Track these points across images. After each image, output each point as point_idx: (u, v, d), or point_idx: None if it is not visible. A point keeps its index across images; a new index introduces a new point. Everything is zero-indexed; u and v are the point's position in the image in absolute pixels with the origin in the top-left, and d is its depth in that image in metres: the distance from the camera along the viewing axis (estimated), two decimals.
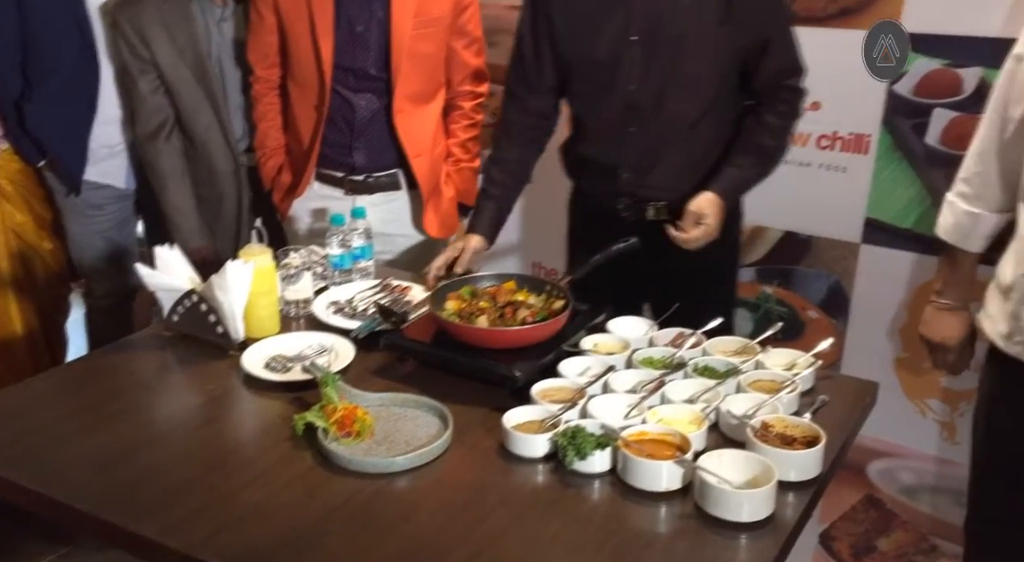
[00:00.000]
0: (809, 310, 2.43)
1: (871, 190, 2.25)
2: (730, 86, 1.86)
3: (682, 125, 1.85)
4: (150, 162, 2.42)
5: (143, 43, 2.30)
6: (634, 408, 1.44)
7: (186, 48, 2.31)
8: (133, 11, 2.30)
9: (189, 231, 2.44)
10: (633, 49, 1.80)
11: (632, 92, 1.83)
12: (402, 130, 2.22)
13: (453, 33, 2.23)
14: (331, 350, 1.67)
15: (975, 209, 1.69)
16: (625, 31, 1.80)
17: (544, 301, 1.71)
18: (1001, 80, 1.63)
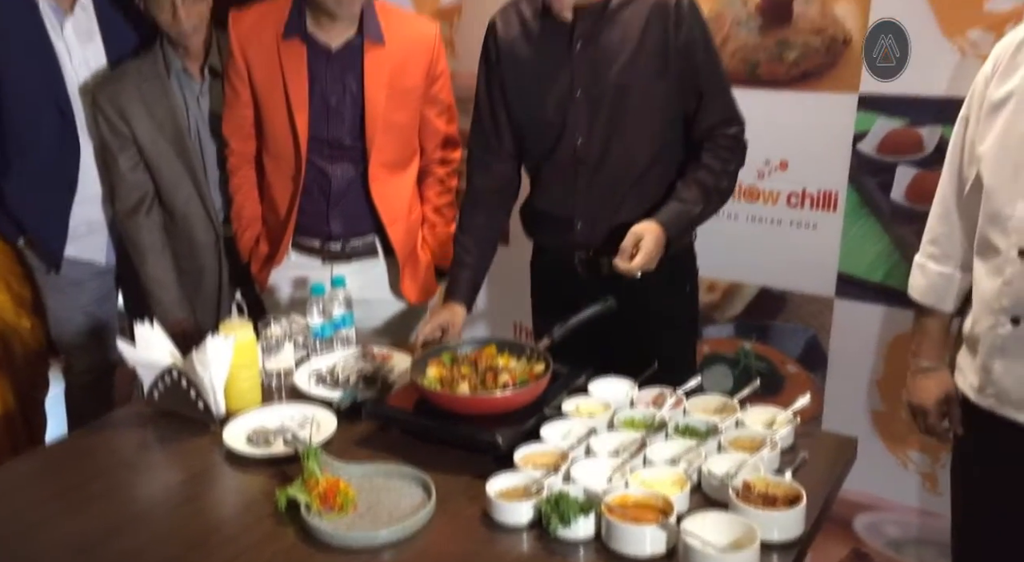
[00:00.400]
0: (788, 365, 2.45)
1: (842, 246, 2.30)
2: (675, 136, 1.94)
3: (630, 175, 1.92)
4: (130, 237, 2.43)
5: (123, 120, 2.33)
6: (616, 471, 1.44)
7: (165, 123, 2.34)
8: (113, 89, 2.34)
9: (169, 304, 2.44)
10: (578, 105, 1.90)
11: (580, 146, 1.91)
12: (378, 197, 2.25)
13: (426, 102, 2.28)
14: (313, 421, 1.67)
15: (946, 269, 1.73)
16: (570, 89, 1.89)
17: (525, 365, 1.73)
18: (953, 142, 1.69)
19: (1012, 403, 1.58)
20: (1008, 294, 1.55)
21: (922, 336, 1.80)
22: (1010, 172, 1.52)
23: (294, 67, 2.16)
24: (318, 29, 2.15)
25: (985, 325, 1.60)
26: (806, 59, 2.20)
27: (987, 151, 1.57)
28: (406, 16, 2.31)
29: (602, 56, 1.87)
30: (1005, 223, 1.54)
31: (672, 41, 1.84)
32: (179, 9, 2.21)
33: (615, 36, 1.86)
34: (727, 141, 1.92)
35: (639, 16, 1.85)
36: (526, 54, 1.94)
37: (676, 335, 2.07)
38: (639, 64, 1.85)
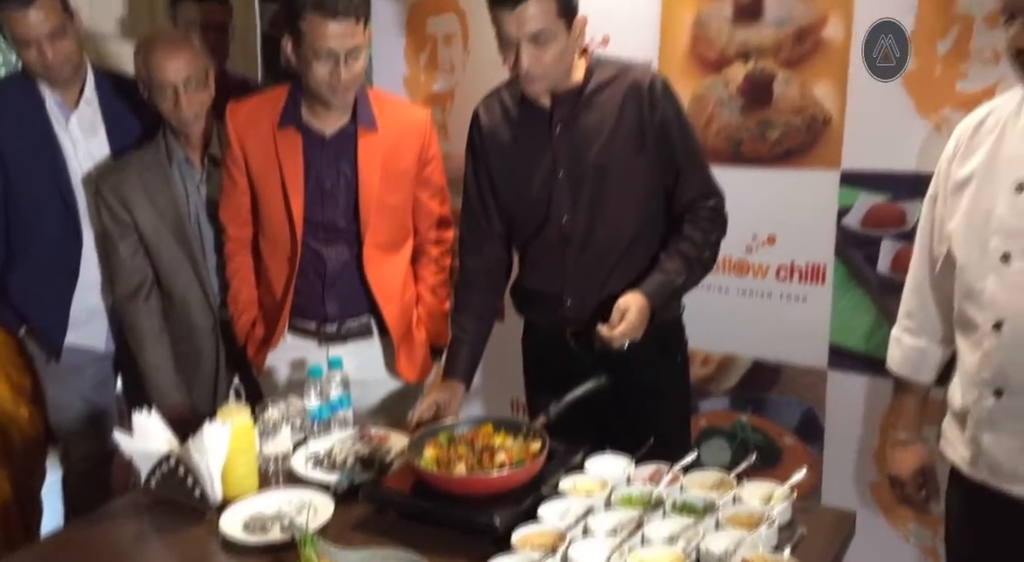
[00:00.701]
0: (785, 437, 2.45)
1: (832, 318, 2.32)
2: (657, 210, 2.00)
3: (616, 250, 1.98)
4: (129, 322, 2.45)
5: (124, 208, 2.38)
6: (615, 552, 1.43)
7: (166, 210, 2.39)
8: (116, 179, 2.39)
9: (167, 388, 2.45)
10: (561, 185, 1.97)
11: (565, 224, 1.98)
12: (372, 278, 2.28)
13: (418, 185, 2.33)
14: (310, 506, 1.66)
15: (920, 342, 1.77)
16: (552, 170, 1.97)
17: (522, 443, 1.73)
18: (922, 220, 1.75)
19: (1005, 476, 1.59)
20: (988, 367, 1.58)
21: (899, 408, 1.84)
22: (978, 249, 1.58)
23: (290, 153, 2.22)
24: (313, 118, 2.22)
25: (970, 398, 1.63)
26: (788, 138, 2.28)
27: (955, 229, 1.63)
28: (398, 103, 2.40)
29: (581, 138, 1.95)
30: (979, 298, 1.58)
31: (648, 120, 1.92)
32: (181, 97, 2.28)
33: (592, 118, 1.94)
34: (707, 213, 1.99)
35: (615, 98, 1.93)
36: (509, 139, 2.03)
37: (669, 408, 2.08)
38: (617, 143, 1.93)
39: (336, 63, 2.06)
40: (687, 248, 1.97)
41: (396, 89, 2.87)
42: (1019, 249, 1.51)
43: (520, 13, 1.80)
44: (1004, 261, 1.53)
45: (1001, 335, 1.55)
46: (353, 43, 2.06)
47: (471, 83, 2.77)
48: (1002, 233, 1.53)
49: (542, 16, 1.81)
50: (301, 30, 2.05)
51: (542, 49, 1.84)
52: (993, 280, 1.55)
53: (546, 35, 1.83)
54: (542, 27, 1.82)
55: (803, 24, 2.21)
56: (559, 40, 1.85)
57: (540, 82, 1.90)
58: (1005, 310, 1.54)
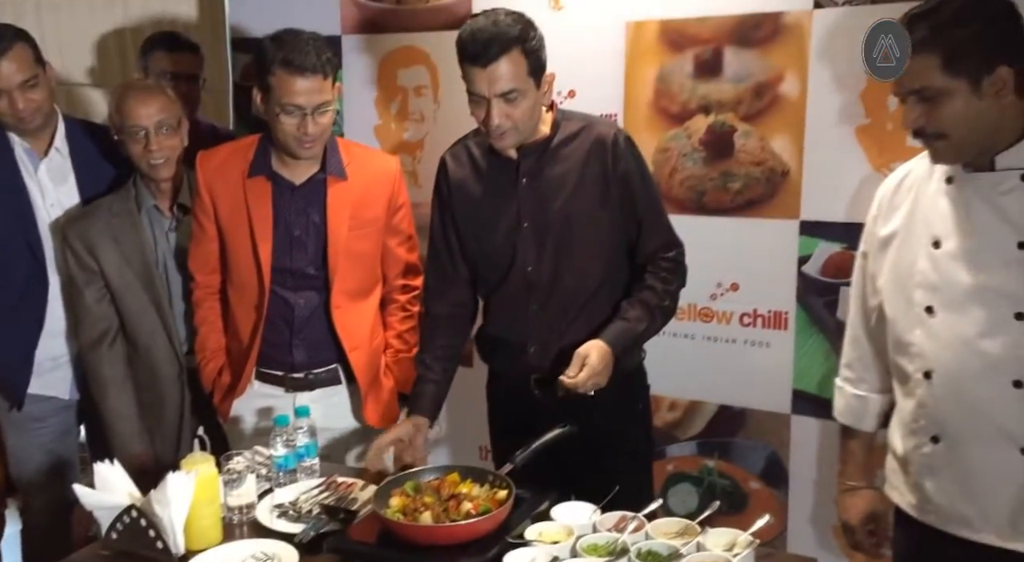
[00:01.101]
0: (751, 481, 2.47)
1: (795, 363, 2.36)
2: (620, 260, 2.05)
3: (579, 299, 2.01)
4: (92, 369, 2.44)
5: (90, 255, 2.38)
6: None
7: (133, 257, 2.39)
8: (82, 225, 2.40)
9: (130, 437, 2.43)
10: (526, 234, 2.01)
11: (530, 273, 2.02)
12: (340, 325, 2.29)
13: (387, 232, 2.35)
14: (274, 558, 1.65)
15: (860, 391, 1.83)
16: (517, 220, 2.01)
17: (488, 491, 1.74)
18: (855, 275, 1.83)
19: (951, 519, 1.64)
20: (923, 415, 1.64)
21: (847, 455, 1.89)
22: (904, 302, 1.65)
23: (259, 201, 2.23)
24: (283, 167, 2.24)
25: (910, 445, 1.69)
26: (749, 188, 2.33)
27: (884, 285, 1.71)
28: (368, 152, 2.42)
29: (547, 189, 1.99)
30: (908, 349, 1.65)
31: (611, 173, 1.96)
32: (151, 141, 2.30)
33: (558, 170, 1.99)
34: (668, 264, 2.04)
35: (580, 151, 1.98)
36: (475, 189, 2.06)
37: (630, 455, 2.10)
38: (582, 195, 1.98)
39: (303, 117, 2.09)
40: (648, 296, 2.01)
41: (367, 138, 2.90)
42: (941, 302, 1.59)
43: (492, 72, 1.84)
44: (928, 313, 1.61)
45: (932, 384, 1.61)
46: (321, 99, 2.10)
47: (441, 132, 2.81)
48: (924, 287, 1.62)
49: (513, 75, 1.85)
50: (270, 84, 2.09)
51: (512, 106, 1.88)
52: (920, 332, 1.62)
53: (516, 93, 1.87)
54: (513, 86, 1.86)
55: (761, 80, 2.29)
56: (528, 97, 1.89)
57: (509, 138, 1.93)
58: (933, 360, 1.61)
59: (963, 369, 1.57)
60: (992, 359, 1.54)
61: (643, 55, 2.44)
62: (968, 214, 1.57)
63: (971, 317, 1.56)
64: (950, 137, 1.52)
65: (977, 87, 1.48)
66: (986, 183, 1.56)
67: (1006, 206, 1.54)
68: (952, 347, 1.58)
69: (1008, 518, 1.56)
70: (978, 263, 1.55)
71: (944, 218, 1.60)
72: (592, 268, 2.02)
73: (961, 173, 1.59)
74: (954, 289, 1.58)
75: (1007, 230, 1.53)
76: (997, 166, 1.55)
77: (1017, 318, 1.51)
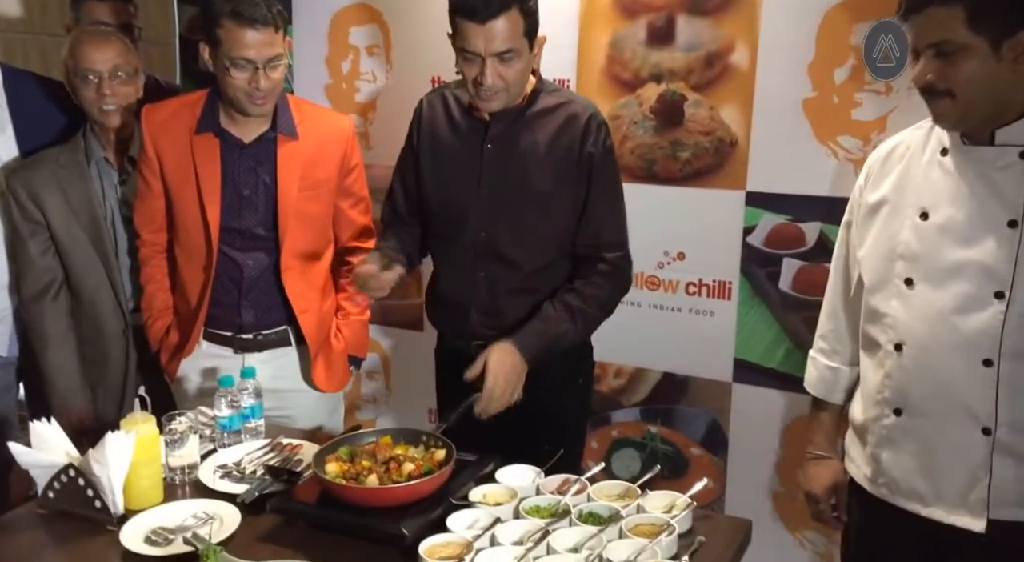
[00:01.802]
0: (692, 447, 2.53)
1: (737, 332, 2.41)
2: (569, 245, 2.00)
3: (525, 274, 1.99)
4: (34, 322, 2.39)
5: (36, 205, 2.34)
6: (520, 561, 1.47)
7: (81, 209, 2.35)
8: (27, 175, 2.34)
9: (69, 392, 2.40)
10: (482, 200, 1.98)
11: (480, 239, 2.00)
12: (290, 287, 2.26)
13: (339, 194, 2.33)
14: (216, 518, 1.65)
15: (834, 363, 1.84)
16: (476, 183, 1.98)
17: (425, 452, 1.74)
18: (837, 246, 1.82)
19: (903, 492, 1.66)
20: (889, 387, 1.65)
21: (815, 426, 1.90)
22: (884, 273, 1.65)
23: (207, 159, 2.19)
24: (231, 125, 2.20)
25: (871, 416, 1.70)
26: (697, 158, 2.36)
27: (865, 255, 1.70)
28: (320, 111, 2.38)
29: (510, 159, 1.95)
30: (882, 320, 1.65)
31: (576, 154, 1.93)
32: (104, 85, 2.26)
33: (525, 142, 1.95)
34: (606, 266, 1.98)
35: (551, 127, 1.94)
36: (443, 141, 2.03)
37: (565, 428, 2.10)
38: (543, 172, 1.94)
39: (255, 72, 2.05)
40: (572, 299, 1.96)
41: (318, 97, 2.86)
42: (921, 274, 1.59)
43: (489, 29, 1.78)
44: (907, 285, 1.61)
45: (902, 356, 1.62)
46: (272, 52, 2.06)
47: (394, 94, 2.79)
48: (906, 258, 1.61)
49: (510, 33, 1.80)
50: (218, 37, 2.04)
51: (507, 66, 1.83)
52: (896, 303, 1.62)
53: (512, 53, 1.82)
54: (509, 46, 1.81)
55: (712, 49, 2.30)
56: (523, 58, 1.85)
57: (499, 100, 1.89)
58: (906, 333, 1.61)
59: (936, 344, 1.57)
60: (966, 335, 1.54)
61: (596, 21, 2.43)
62: (961, 187, 1.55)
63: (950, 292, 1.55)
64: (958, 97, 1.48)
65: (997, 49, 1.44)
66: (983, 157, 1.54)
67: (1001, 182, 1.52)
68: (927, 321, 1.58)
69: (959, 494, 1.58)
70: (965, 237, 1.54)
71: (935, 190, 1.58)
72: (543, 246, 1.99)
73: (959, 145, 1.57)
74: (936, 262, 1.57)
75: (999, 206, 1.52)
76: (997, 140, 1.52)
77: (997, 297, 1.51)
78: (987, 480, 1.56)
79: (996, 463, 1.55)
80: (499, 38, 1.80)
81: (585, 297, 1.96)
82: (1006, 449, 1.54)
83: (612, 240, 1.99)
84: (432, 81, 2.70)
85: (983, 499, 1.56)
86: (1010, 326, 1.51)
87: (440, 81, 2.69)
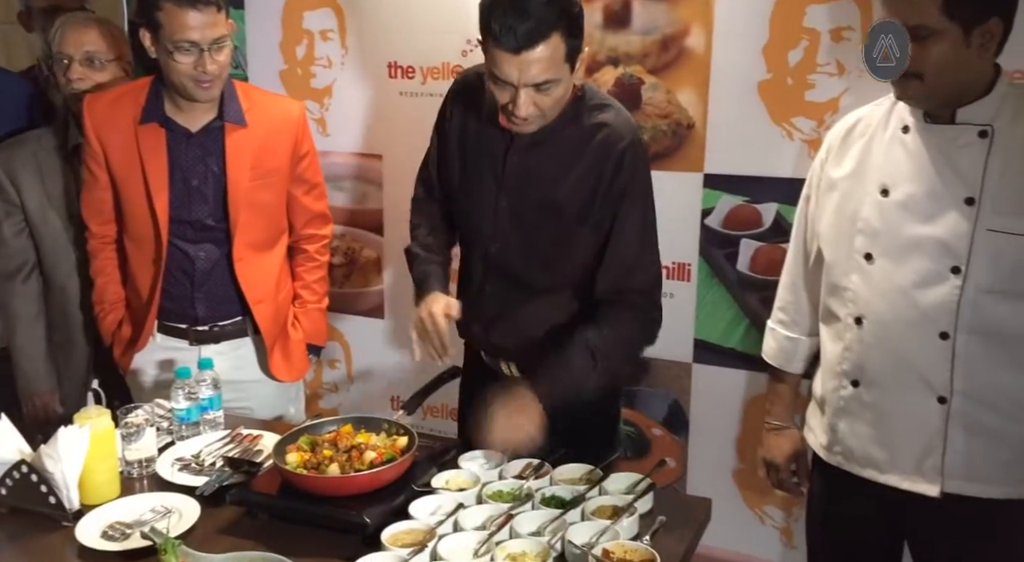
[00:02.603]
0: (654, 428, 2.55)
1: (697, 313, 2.43)
2: (587, 272, 1.80)
3: (536, 296, 1.84)
4: (3, 303, 2.39)
5: (13, 186, 2.34)
6: (483, 546, 1.47)
7: (54, 194, 2.34)
8: (7, 155, 2.36)
9: (34, 375, 2.39)
10: (501, 213, 1.81)
11: (493, 254, 1.85)
12: (243, 278, 2.23)
13: (292, 181, 2.29)
14: (174, 511, 1.63)
15: (792, 334, 1.87)
16: (497, 194, 1.80)
17: (387, 440, 1.73)
18: (796, 219, 1.85)
19: (857, 460, 1.71)
20: (848, 359, 1.69)
21: (774, 396, 1.94)
22: (844, 248, 1.68)
23: (153, 149, 2.14)
24: (177, 113, 2.15)
25: (829, 387, 1.74)
26: (655, 141, 2.36)
27: (824, 229, 1.73)
28: (269, 97, 2.33)
29: (534, 176, 1.78)
30: (843, 294, 1.69)
31: (606, 185, 1.73)
32: (72, 69, 2.27)
33: (552, 162, 1.76)
34: (630, 313, 1.77)
35: (584, 149, 1.74)
36: (471, 135, 1.84)
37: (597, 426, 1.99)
38: (568, 198, 1.76)
39: (200, 55, 2.00)
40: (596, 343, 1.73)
41: (272, 83, 2.82)
42: (881, 249, 1.62)
43: (524, 59, 1.57)
44: (867, 260, 1.64)
45: (861, 329, 1.66)
46: (216, 33, 2.01)
47: (350, 79, 2.76)
48: (866, 233, 1.64)
49: (550, 63, 1.59)
50: (159, 21, 1.98)
51: (544, 95, 1.63)
52: (856, 278, 1.66)
53: (550, 83, 1.62)
54: (548, 76, 1.60)
55: (668, 33, 2.30)
56: (562, 84, 1.64)
57: (531, 125, 1.70)
58: (865, 307, 1.65)
59: (895, 318, 1.61)
60: (923, 309, 1.58)
61: None
62: (921, 165, 1.58)
63: (909, 267, 1.59)
64: (927, 79, 1.51)
65: (968, 34, 1.48)
66: (944, 135, 1.57)
67: (960, 160, 1.55)
68: (886, 295, 1.61)
69: (915, 461, 1.63)
70: (924, 214, 1.57)
71: (896, 167, 1.61)
72: (555, 275, 1.82)
73: (920, 123, 1.60)
74: (896, 238, 1.60)
75: (957, 184, 1.55)
76: (958, 119, 1.55)
77: (953, 272, 1.55)
78: (942, 448, 1.61)
79: (951, 432, 1.60)
80: (536, 68, 1.58)
81: (612, 338, 1.74)
82: (960, 419, 1.59)
83: (639, 286, 1.79)
84: (389, 66, 2.67)
85: (937, 466, 1.61)
86: (966, 300, 1.55)
87: (397, 66, 2.66)
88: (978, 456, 1.59)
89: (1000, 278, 1.53)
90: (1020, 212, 1.52)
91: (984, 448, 1.59)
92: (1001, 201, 1.53)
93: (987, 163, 1.53)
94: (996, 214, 1.53)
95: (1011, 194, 1.52)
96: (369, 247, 2.87)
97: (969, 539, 1.65)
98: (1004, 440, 1.59)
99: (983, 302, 1.54)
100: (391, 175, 2.75)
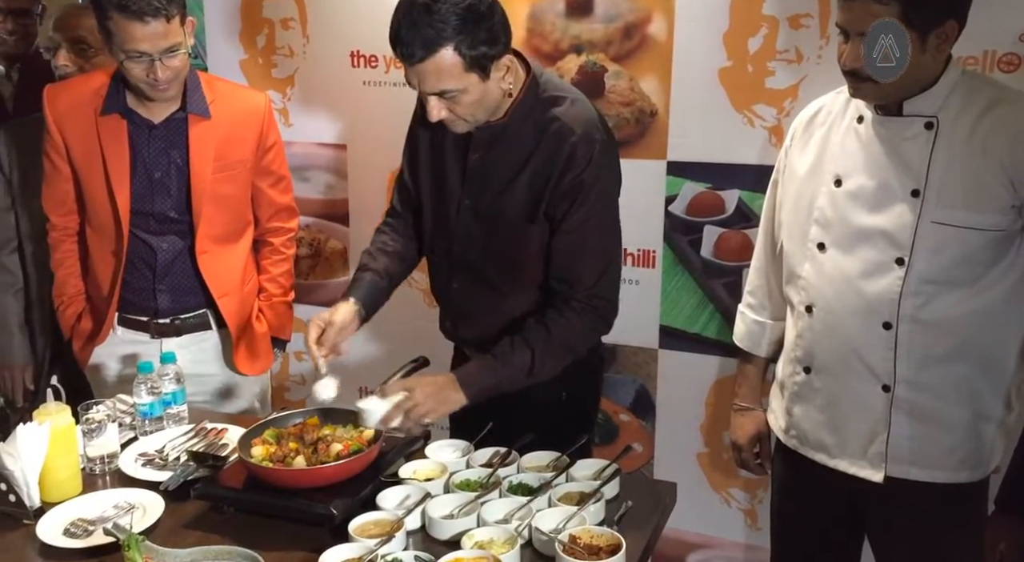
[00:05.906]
0: (621, 414, 2.57)
1: (662, 300, 2.45)
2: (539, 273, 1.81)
3: (499, 293, 1.84)
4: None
5: (8, 162, 2.39)
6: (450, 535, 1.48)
7: None
8: (13, 132, 2.40)
9: (7, 348, 2.42)
10: (464, 213, 1.81)
11: (456, 252, 1.85)
12: (206, 271, 2.21)
13: (257, 174, 2.27)
14: (138, 507, 1.61)
15: (760, 318, 1.90)
16: (461, 194, 1.81)
17: (353, 431, 1.73)
18: (765, 205, 1.87)
19: (810, 444, 1.75)
20: (801, 346, 1.72)
21: (742, 378, 1.97)
22: (799, 236, 1.71)
23: (114, 141, 2.11)
24: (139, 105, 2.12)
25: (786, 373, 1.78)
26: (619, 129, 2.36)
27: (785, 218, 1.76)
28: (234, 88, 2.30)
29: (492, 174, 1.77)
30: (796, 282, 1.72)
31: (555, 180, 1.71)
32: (60, 55, 2.32)
33: (507, 158, 1.75)
34: (577, 304, 1.75)
35: (536, 144, 1.72)
36: (439, 139, 1.83)
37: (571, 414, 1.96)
38: (521, 194, 1.75)
39: (151, 63, 1.97)
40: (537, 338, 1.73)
41: (233, 73, 2.78)
42: (833, 239, 1.65)
43: (417, 70, 1.59)
44: (820, 249, 1.67)
45: (812, 317, 1.69)
46: (167, 43, 1.95)
47: (312, 68, 2.73)
48: (820, 223, 1.67)
49: (444, 74, 1.58)
50: (109, 30, 1.95)
51: (452, 102, 1.64)
52: (808, 266, 1.68)
53: (453, 92, 1.61)
54: (444, 87, 1.60)
55: (630, 20, 2.30)
56: (471, 92, 1.62)
57: (460, 127, 1.70)
58: (816, 295, 1.67)
59: (842, 306, 1.63)
60: (869, 299, 1.60)
61: None
62: (872, 155, 1.60)
63: (857, 257, 1.61)
64: (881, 82, 1.52)
65: (924, 39, 1.49)
66: (892, 127, 1.58)
67: (907, 152, 1.57)
68: (835, 284, 1.64)
69: (861, 447, 1.66)
70: (873, 205, 1.60)
71: (849, 157, 1.63)
72: (515, 271, 1.82)
73: (872, 115, 1.61)
74: (846, 228, 1.62)
75: (905, 176, 1.57)
76: (905, 111, 1.57)
77: (898, 263, 1.57)
78: (886, 434, 1.64)
79: (895, 418, 1.63)
80: (430, 79, 1.59)
81: (552, 335, 1.73)
82: (904, 406, 1.62)
83: (586, 280, 1.75)
84: (352, 55, 2.65)
85: (881, 453, 1.65)
86: (908, 291, 1.57)
87: (360, 55, 2.64)
88: (922, 442, 1.63)
89: (942, 269, 1.56)
90: (963, 204, 1.53)
91: (928, 434, 1.62)
92: (945, 193, 1.54)
93: (932, 155, 1.55)
94: (940, 206, 1.55)
95: (955, 186, 1.54)
96: (335, 238, 2.85)
97: (917, 522, 1.68)
98: (947, 426, 1.62)
99: (925, 292, 1.57)
100: (356, 165, 2.73)
